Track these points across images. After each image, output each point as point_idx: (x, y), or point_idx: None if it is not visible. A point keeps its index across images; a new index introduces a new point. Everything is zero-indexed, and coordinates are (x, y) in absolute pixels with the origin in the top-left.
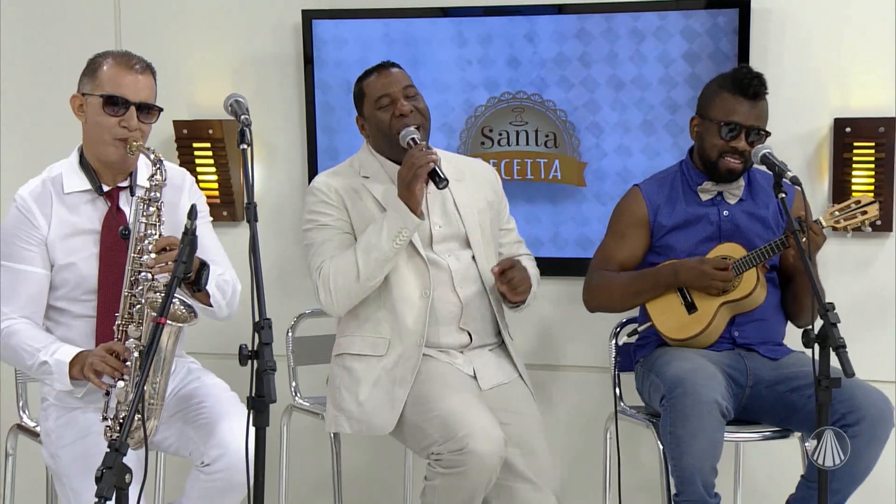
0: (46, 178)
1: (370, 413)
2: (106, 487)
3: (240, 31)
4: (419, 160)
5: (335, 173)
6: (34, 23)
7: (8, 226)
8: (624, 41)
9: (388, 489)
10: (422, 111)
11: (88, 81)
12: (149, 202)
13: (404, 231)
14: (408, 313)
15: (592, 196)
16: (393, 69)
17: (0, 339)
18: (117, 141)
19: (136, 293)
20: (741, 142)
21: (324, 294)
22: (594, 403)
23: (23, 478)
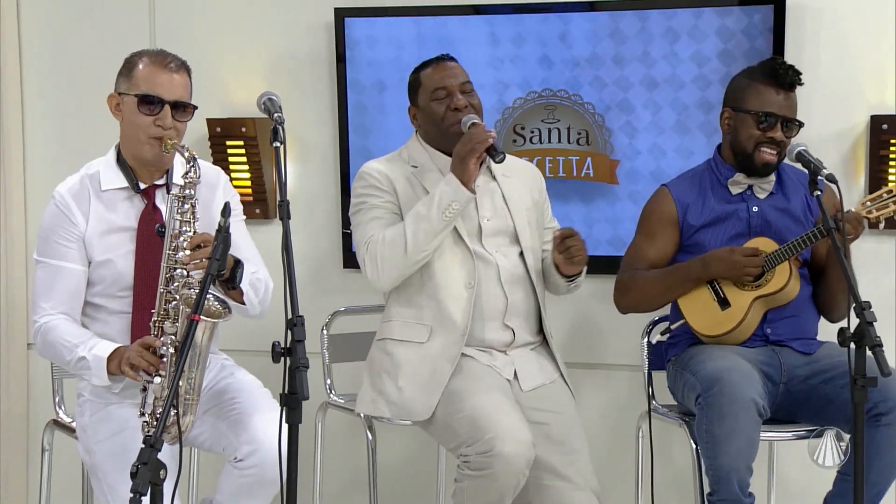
0: (84, 175)
1: (409, 399)
2: (141, 483)
3: (273, 29)
4: (478, 136)
5: (385, 161)
6: (68, 22)
7: (46, 222)
8: (658, 41)
9: (423, 486)
10: (476, 107)
11: (124, 81)
12: (183, 199)
13: (455, 204)
14: (451, 303)
15: (626, 196)
16: (451, 63)
17: (38, 335)
18: (152, 139)
19: (172, 290)
20: (778, 132)
21: (370, 267)
22: (626, 402)
23: (59, 473)
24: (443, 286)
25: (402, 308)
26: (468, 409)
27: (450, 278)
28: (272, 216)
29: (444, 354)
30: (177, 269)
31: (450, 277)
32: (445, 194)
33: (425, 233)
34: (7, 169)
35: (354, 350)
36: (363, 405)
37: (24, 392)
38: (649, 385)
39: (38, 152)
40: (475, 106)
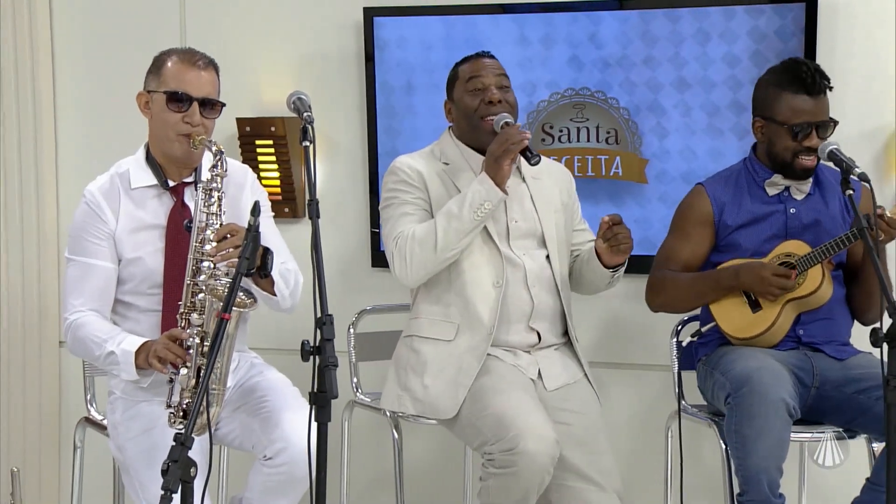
0: (114, 173)
1: (434, 397)
2: (172, 480)
3: (302, 29)
4: (513, 137)
5: (417, 156)
6: (100, 22)
7: (77, 221)
8: (689, 42)
9: (449, 485)
10: (511, 104)
11: (153, 79)
12: (210, 192)
13: (487, 203)
14: (479, 301)
15: (657, 198)
16: (489, 59)
17: (69, 332)
18: (181, 136)
19: (199, 282)
20: (813, 139)
21: (399, 263)
22: (655, 402)
23: (91, 470)
24: (471, 284)
25: (429, 305)
26: (492, 407)
27: (478, 277)
28: (301, 215)
29: (471, 352)
30: (203, 262)
31: (478, 276)
32: (478, 194)
33: (456, 231)
34: (40, 168)
35: (381, 349)
36: (388, 401)
37: (56, 390)
38: (679, 385)
39: (70, 151)
40: (510, 103)
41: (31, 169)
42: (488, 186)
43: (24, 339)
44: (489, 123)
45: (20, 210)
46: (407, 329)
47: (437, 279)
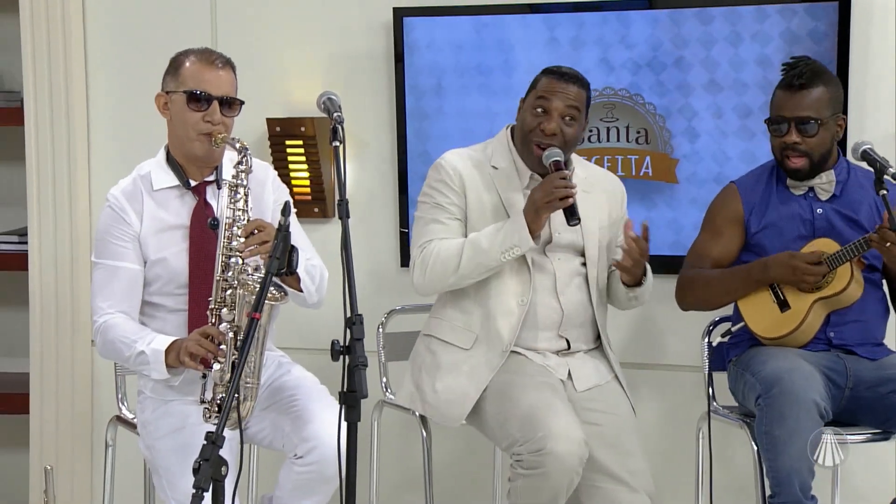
0: (136, 176)
1: (443, 403)
2: (203, 479)
3: (332, 29)
4: (559, 191)
5: (467, 156)
6: (132, 24)
7: (102, 224)
8: (721, 44)
9: (478, 485)
10: (567, 138)
11: (172, 80)
12: (236, 189)
13: (516, 249)
14: (500, 317)
15: (688, 202)
16: (573, 86)
17: (98, 334)
18: (202, 136)
19: (228, 278)
20: (791, 135)
21: (418, 272)
22: (686, 403)
23: (122, 468)
24: (495, 298)
25: (452, 310)
26: (520, 407)
27: (503, 291)
28: (330, 215)
29: (485, 365)
30: (232, 258)
31: (504, 290)
32: (510, 237)
33: (479, 265)
34: (73, 171)
35: (410, 349)
36: (402, 396)
37: (88, 389)
38: (710, 386)
39: (102, 154)
40: (567, 137)
41: (63, 172)
42: (522, 232)
43: (56, 339)
44: (539, 152)
45: (53, 212)
46: (427, 328)
47: (463, 288)
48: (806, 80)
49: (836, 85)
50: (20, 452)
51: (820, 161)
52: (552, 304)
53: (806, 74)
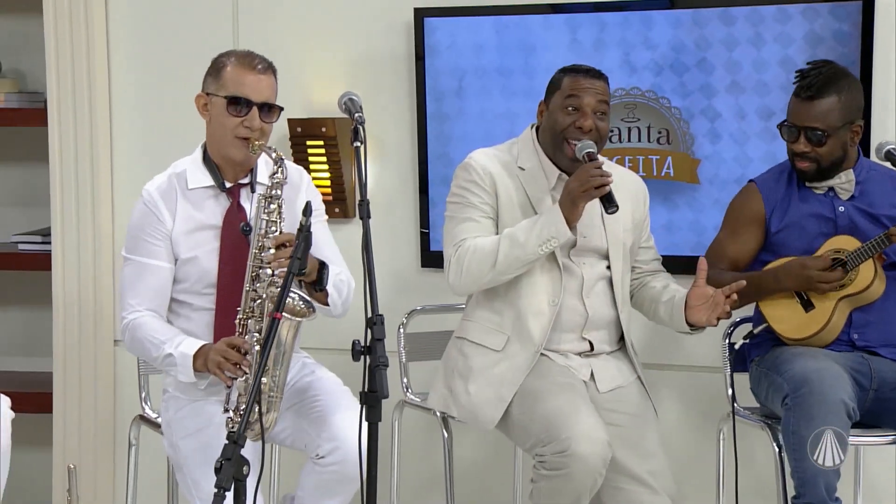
0: (172, 173)
1: (476, 406)
2: (225, 479)
3: (353, 29)
4: (595, 180)
5: (494, 156)
6: (154, 23)
7: (135, 220)
8: (744, 45)
9: (499, 485)
10: (601, 133)
11: (213, 81)
12: (270, 199)
13: (553, 240)
14: (532, 317)
15: (711, 204)
16: (598, 81)
17: (126, 332)
18: (240, 140)
19: (257, 288)
20: (799, 143)
21: (454, 270)
22: (707, 404)
23: (145, 467)
24: (526, 299)
25: (484, 312)
26: (543, 409)
27: (535, 292)
28: (351, 215)
29: (517, 366)
30: (262, 269)
31: (535, 291)
32: (547, 228)
33: (517, 259)
34: (96, 171)
35: (431, 349)
36: (435, 400)
37: (111, 388)
38: (731, 387)
39: (125, 155)
40: (601, 132)
41: (86, 172)
42: (559, 224)
43: (79, 339)
44: (572, 148)
45: (76, 212)
46: (459, 330)
47: (494, 288)
48: (815, 90)
49: (852, 91)
50: (44, 451)
51: (829, 167)
52: (577, 306)
53: (816, 85)
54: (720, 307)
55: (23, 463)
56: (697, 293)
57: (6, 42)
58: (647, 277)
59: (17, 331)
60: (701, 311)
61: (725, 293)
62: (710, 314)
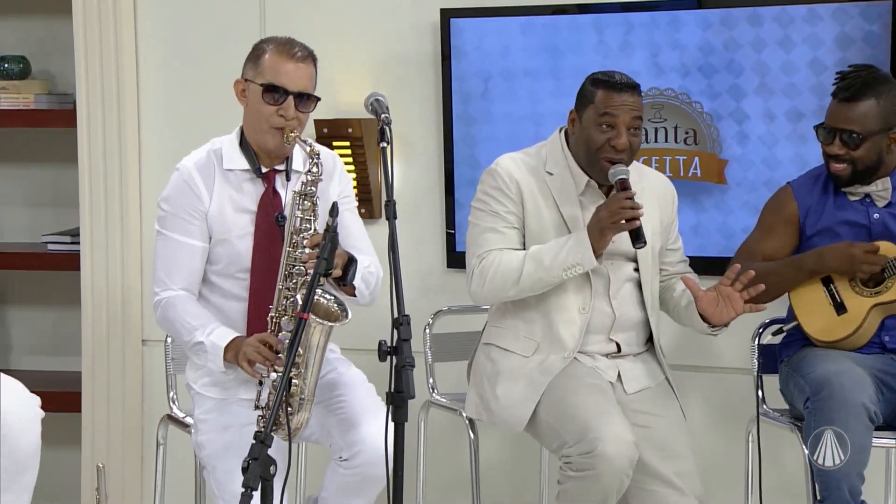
0: (210, 150)
1: (504, 409)
2: (252, 478)
3: (379, 30)
4: (626, 212)
5: (521, 161)
6: (183, 19)
7: (171, 194)
8: (772, 48)
9: (526, 486)
10: (634, 149)
11: (251, 68)
12: (305, 196)
13: (578, 267)
14: (563, 326)
15: (739, 207)
16: (633, 94)
17: (159, 308)
18: (274, 129)
19: (290, 286)
20: (834, 146)
21: (477, 282)
22: (736, 405)
23: (172, 466)
24: (556, 308)
25: (514, 320)
26: (570, 410)
27: (564, 301)
28: (377, 216)
29: (545, 369)
30: (296, 267)
31: (565, 300)
32: (573, 255)
33: (539, 280)
34: (124, 173)
35: (457, 349)
36: (470, 408)
37: (139, 387)
38: (759, 388)
39: (153, 156)
40: (634, 147)
41: (115, 173)
42: (586, 252)
43: (108, 339)
44: (607, 167)
45: (105, 213)
46: (487, 336)
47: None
48: (853, 93)
49: (892, 97)
50: (73, 450)
51: (864, 171)
52: (605, 308)
53: (854, 87)
54: (734, 296)
55: (52, 461)
56: (704, 302)
57: (36, 44)
58: (672, 280)
59: (46, 330)
60: (720, 312)
61: (726, 283)
62: (730, 308)
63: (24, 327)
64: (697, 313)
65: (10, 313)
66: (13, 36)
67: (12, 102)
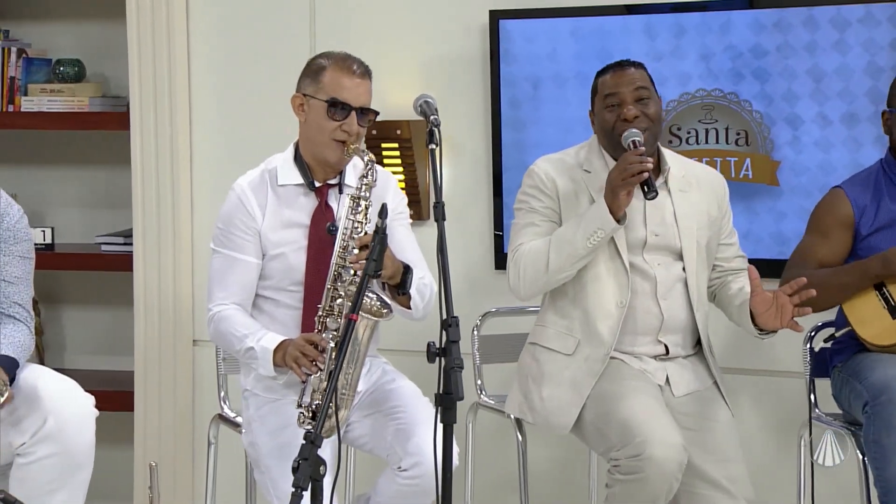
0: (265, 169)
1: (550, 411)
2: (302, 478)
3: (428, 32)
4: (633, 167)
5: (558, 160)
6: (234, 24)
7: (225, 213)
8: (825, 30)
9: (575, 489)
10: (650, 116)
11: (310, 83)
12: (358, 201)
13: (599, 232)
14: (600, 320)
15: (793, 212)
16: (629, 69)
17: (211, 323)
18: (336, 143)
19: (339, 287)
20: None
21: (513, 275)
22: (788, 409)
23: (224, 465)
24: (593, 301)
25: (554, 316)
26: (618, 413)
27: (601, 294)
28: (425, 217)
29: (588, 370)
30: (345, 268)
31: (601, 293)
32: (592, 220)
33: (568, 256)
34: (176, 175)
35: (505, 351)
36: (512, 406)
37: (190, 387)
38: (812, 392)
39: (204, 155)
40: (650, 116)
41: (166, 175)
42: (603, 214)
43: (159, 339)
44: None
45: (157, 213)
46: (532, 335)
47: (562, 291)
48: None
49: None
50: (125, 449)
51: None
52: (652, 308)
53: None
54: (788, 308)
55: (106, 460)
56: (759, 300)
57: (91, 48)
58: (728, 277)
59: (100, 330)
60: (769, 316)
61: (787, 292)
62: (778, 318)
63: (79, 327)
64: (748, 313)
65: (64, 313)
66: (69, 39)
67: (67, 105)
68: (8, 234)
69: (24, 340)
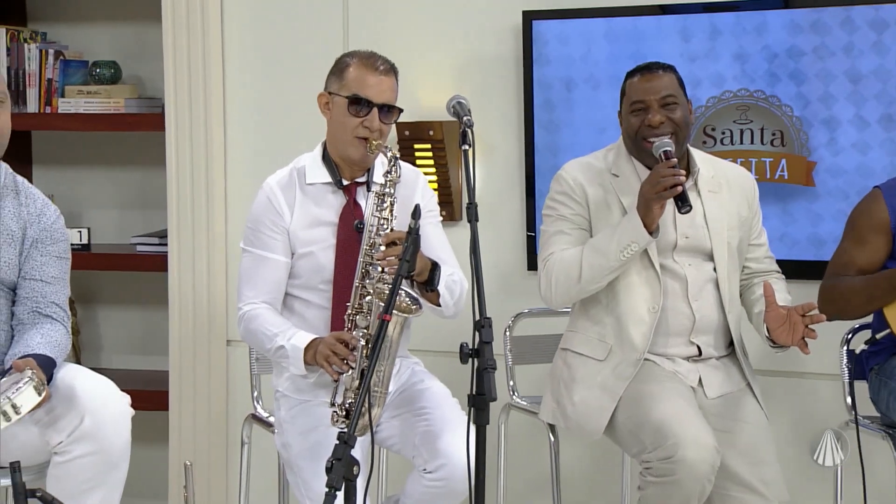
0: (293, 168)
1: (581, 415)
2: (336, 478)
3: (460, 32)
4: (667, 181)
5: (587, 164)
6: (268, 25)
7: (255, 213)
8: (863, 31)
9: (607, 491)
10: (677, 121)
11: (335, 81)
12: (383, 197)
13: (633, 245)
14: (633, 327)
15: (830, 216)
16: (658, 72)
17: (241, 322)
18: (358, 140)
19: (367, 284)
20: None
21: (545, 285)
22: (822, 412)
23: (257, 465)
24: (625, 307)
25: (587, 322)
26: (650, 414)
27: (633, 300)
28: (458, 218)
29: (619, 374)
30: (372, 265)
31: (633, 299)
32: (625, 233)
33: (601, 268)
34: (210, 176)
35: (537, 352)
36: (545, 413)
37: (223, 387)
38: (851, 395)
39: (239, 157)
40: (676, 122)
41: (201, 176)
42: (637, 227)
43: (193, 339)
44: (649, 147)
45: (192, 214)
46: (564, 341)
47: (594, 298)
48: None
49: None
50: (160, 448)
51: None
52: (684, 310)
53: None
54: (799, 327)
55: (141, 458)
56: (773, 316)
57: (126, 49)
58: (754, 279)
59: (135, 330)
60: (782, 332)
61: (799, 312)
62: (790, 335)
63: (114, 327)
64: (764, 328)
65: (100, 313)
66: (105, 41)
67: (103, 106)
68: (45, 234)
69: (61, 340)
